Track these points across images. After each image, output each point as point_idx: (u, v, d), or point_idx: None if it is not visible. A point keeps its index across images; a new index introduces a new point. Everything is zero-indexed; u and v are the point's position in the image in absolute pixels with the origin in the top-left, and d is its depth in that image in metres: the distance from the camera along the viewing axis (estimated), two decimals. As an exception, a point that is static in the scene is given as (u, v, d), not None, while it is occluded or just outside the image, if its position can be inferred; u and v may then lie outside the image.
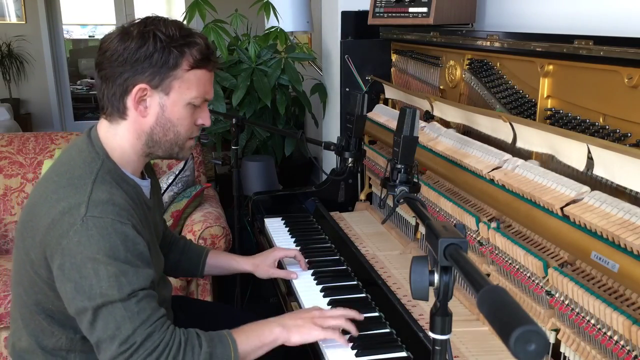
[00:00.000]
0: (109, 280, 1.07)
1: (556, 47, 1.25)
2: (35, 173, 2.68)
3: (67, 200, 1.11)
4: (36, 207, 1.15)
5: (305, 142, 2.00)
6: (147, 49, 1.13)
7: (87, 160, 1.17)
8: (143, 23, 1.17)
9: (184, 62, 1.16)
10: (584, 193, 1.05)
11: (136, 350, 1.07)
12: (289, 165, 3.20)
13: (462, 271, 0.71)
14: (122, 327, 1.07)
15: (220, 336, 1.16)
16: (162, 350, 1.09)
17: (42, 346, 1.22)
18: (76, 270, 1.07)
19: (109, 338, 1.07)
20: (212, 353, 1.12)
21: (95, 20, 8.93)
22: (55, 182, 1.16)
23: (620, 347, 0.91)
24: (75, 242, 1.07)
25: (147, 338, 1.08)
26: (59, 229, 1.09)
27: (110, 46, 1.15)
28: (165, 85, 1.16)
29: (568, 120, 1.25)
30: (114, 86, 1.16)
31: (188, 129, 1.23)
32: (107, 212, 1.09)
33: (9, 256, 2.53)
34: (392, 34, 2.07)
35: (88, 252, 1.07)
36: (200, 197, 2.54)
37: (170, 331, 1.12)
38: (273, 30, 2.87)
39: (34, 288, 1.18)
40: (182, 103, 1.19)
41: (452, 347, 1.18)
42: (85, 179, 1.13)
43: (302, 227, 1.91)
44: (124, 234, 1.10)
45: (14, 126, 5.34)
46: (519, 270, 1.17)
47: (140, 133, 1.20)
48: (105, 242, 1.07)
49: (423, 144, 1.57)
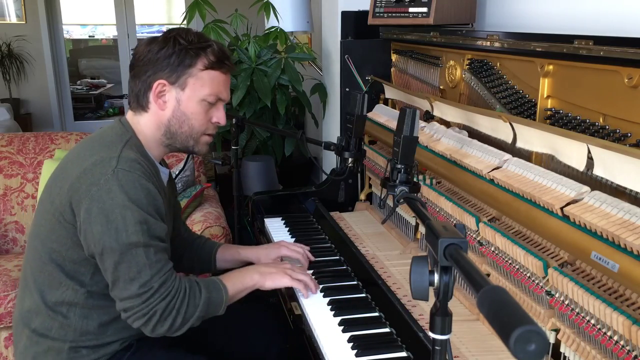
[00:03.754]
0: (135, 225, 1.22)
1: (556, 47, 1.25)
2: (35, 173, 2.67)
3: (99, 154, 1.27)
4: (68, 163, 1.32)
5: (305, 142, 2.00)
6: (167, 51, 1.31)
7: (118, 133, 1.35)
8: (169, 31, 1.35)
9: (199, 62, 1.33)
10: (584, 193, 1.05)
11: (152, 295, 1.24)
12: (289, 165, 3.20)
13: (462, 271, 0.71)
14: (143, 272, 1.23)
15: (214, 282, 1.36)
16: (173, 295, 1.26)
17: (45, 301, 1.33)
18: (104, 214, 1.21)
19: (130, 279, 1.23)
20: (209, 297, 1.32)
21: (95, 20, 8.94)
22: (88, 145, 1.34)
23: (620, 347, 0.91)
24: (106, 189, 1.22)
25: (162, 285, 1.25)
26: (90, 178, 1.23)
27: (139, 50, 1.35)
28: (182, 81, 1.33)
29: (568, 120, 1.25)
30: (139, 83, 1.34)
31: (202, 124, 1.38)
32: (134, 169, 1.25)
33: (9, 256, 2.53)
34: (392, 34, 2.07)
35: (117, 199, 1.21)
36: (200, 197, 2.54)
37: (178, 280, 1.29)
38: (273, 30, 2.87)
39: (51, 236, 1.31)
40: (196, 99, 1.35)
41: (452, 347, 1.18)
42: (117, 144, 1.30)
43: (302, 227, 1.91)
44: (148, 189, 1.25)
45: (14, 126, 5.34)
46: (519, 270, 1.17)
47: (159, 124, 1.36)
48: (133, 192, 1.23)
49: (423, 144, 1.57)
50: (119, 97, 8.10)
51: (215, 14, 2.78)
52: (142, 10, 7.58)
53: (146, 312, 1.24)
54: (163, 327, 1.26)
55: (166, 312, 1.25)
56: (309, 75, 3.09)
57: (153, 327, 1.26)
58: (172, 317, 1.26)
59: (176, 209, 1.61)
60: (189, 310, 1.28)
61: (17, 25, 6.59)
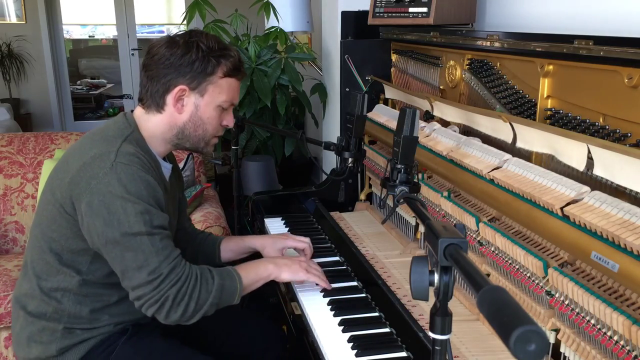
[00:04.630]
0: (136, 216, 1.23)
1: (556, 47, 1.25)
2: (35, 173, 2.67)
3: (98, 148, 1.29)
4: (69, 157, 1.35)
5: (305, 142, 2.00)
6: (190, 57, 1.33)
7: (120, 127, 1.36)
8: (188, 34, 1.37)
9: (219, 70, 1.36)
10: (584, 193, 1.05)
11: (162, 281, 1.25)
12: (289, 165, 3.20)
13: (462, 271, 0.71)
14: (150, 259, 1.24)
15: (227, 271, 1.37)
16: (184, 281, 1.27)
17: (41, 287, 1.37)
18: (105, 206, 1.23)
19: (138, 267, 1.24)
20: (222, 284, 1.33)
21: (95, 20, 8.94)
22: (89, 139, 1.36)
23: (620, 347, 0.91)
24: (105, 182, 1.24)
25: (172, 271, 1.26)
26: (89, 171, 1.26)
27: (159, 51, 1.34)
28: (202, 88, 1.36)
29: (568, 120, 1.25)
30: (157, 84, 1.35)
31: (215, 128, 1.42)
32: (132, 162, 1.27)
33: (9, 256, 2.53)
34: (392, 34, 2.07)
35: (116, 191, 1.23)
36: (200, 197, 2.54)
37: (188, 266, 1.30)
38: (273, 30, 2.87)
39: (51, 226, 1.33)
40: (213, 105, 1.38)
41: (452, 347, 1.18)
42: (117, 138, 1.32)
43: (302, 227, 1.91)
44: (147, 180, 1.27)
45: (14, 126, 5.34)
46: (519, 270, 1.17)
47: (172, 126, 1.39)
48: (131, 184, 1.24)
49: (423, 144, 1.57)
50: (119, 97, 8.09)
51: (215, 14, 2.78)
52: (142, 10, 7.58)
53: (158, 299, 1.25)
54: (177, 313, 1.27)
55: (178, 297, 1.26)
56: (309, 75, 3.09)
57: (167, 314, 1.27)
58: (185, 303, 1.27)
59: (182, 204, 1.62)
60: (202, 295, 1.29)
61: (17, 25, 6.59)
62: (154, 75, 1.35)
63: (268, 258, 1.50)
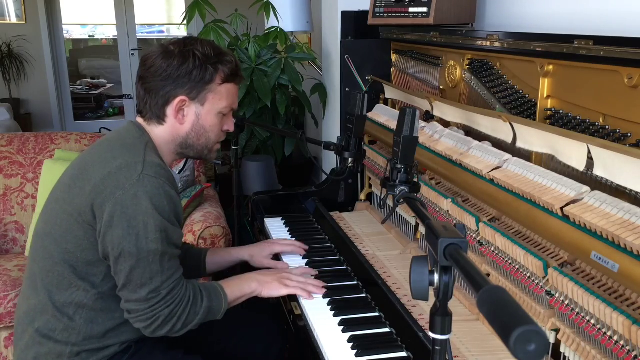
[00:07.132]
0: (155, 233, 1.24)
1: (556, 47, 1.25)
2: (35, 173, 2.67)
3: (123, 158, 1.28)
4: (88, 164, 1.32)
5: (305, 142, 2.00)
6: (187, 66, 1.32)
7: (135, 136, 1.35)
8: (182, 43, 1.35)
9: (217, 77, 1.36)
10: (584, 193, 1.05)
11: (159, 302, 1.27)
12: (289, 165, 3.20)
13: (462, 271, 0.71)
14: (154, 278, 1.26)
15: (215, 290, 1.39)
16: (177, 303, 1.30)
17: (53, 301, 1.33)
18: (126, 219, 1.22)
19: (141, 284, 1.26)
20: (210, 307, 1.35)
21: (95, 20, 8.94)
22: (108, 146, 1.35)
23: (620, 347, 0.91)
24: (131, 194, 1.23)
25: (170, 292, 1.28)
26: (115, 181, 1.24)
27: (155, 63, 1.33)
28: (202, 97, 1.36)
29: (568, 120, 1.25)
30: (156, 97, 1.34)
31: (217, 134, 1.44)
32: (160, 175, 1.27)
33: (9, 256, 2.53)
34: (392, 34, 2.07)
35: (142, 205, 1.23)
36: (200, 197, 2.54)
37: (185, 288, 1.32)
38: (273, 30, 2.87)
39: (66, 237, 1.30)
40: (214, 112, 1.39)
41: (452, 347, 1.18)
42: (138, 146, 1.32)
43: (302, 227, 1.91)
44: (171, 195, 1.27)
45: (14, 126, 5.34)
46: (519, 270, 1.17)
47: (175, 137, 1.39)
48: (156, 199, 1.24)
49: (423, 144, 1.57)
50: (119, 97, 8.08)
51: (215, 14, 2.78)
52: (142, 10, 7.58)
53: (150, 317, 1.28)
54: (163, 330, 1.30)
55: (168, 318, 1.29)
56: (309, 75, 3.09)
57: (154, 330, 1.30)
58: (173, 323, 1.30)
59: None
60: (189, 317, 1.32)
61: (17, 25, 6.59)
62: (152, 87, 1.34)
63: (252, 274, 1.49)
